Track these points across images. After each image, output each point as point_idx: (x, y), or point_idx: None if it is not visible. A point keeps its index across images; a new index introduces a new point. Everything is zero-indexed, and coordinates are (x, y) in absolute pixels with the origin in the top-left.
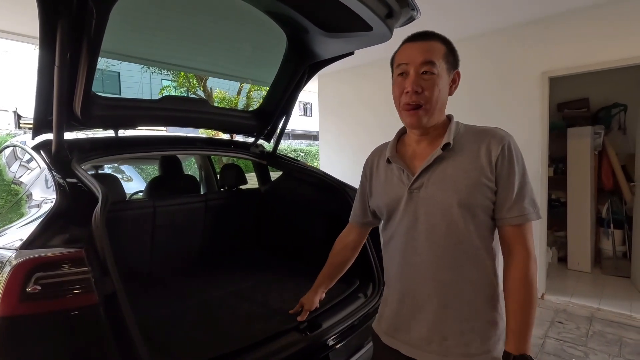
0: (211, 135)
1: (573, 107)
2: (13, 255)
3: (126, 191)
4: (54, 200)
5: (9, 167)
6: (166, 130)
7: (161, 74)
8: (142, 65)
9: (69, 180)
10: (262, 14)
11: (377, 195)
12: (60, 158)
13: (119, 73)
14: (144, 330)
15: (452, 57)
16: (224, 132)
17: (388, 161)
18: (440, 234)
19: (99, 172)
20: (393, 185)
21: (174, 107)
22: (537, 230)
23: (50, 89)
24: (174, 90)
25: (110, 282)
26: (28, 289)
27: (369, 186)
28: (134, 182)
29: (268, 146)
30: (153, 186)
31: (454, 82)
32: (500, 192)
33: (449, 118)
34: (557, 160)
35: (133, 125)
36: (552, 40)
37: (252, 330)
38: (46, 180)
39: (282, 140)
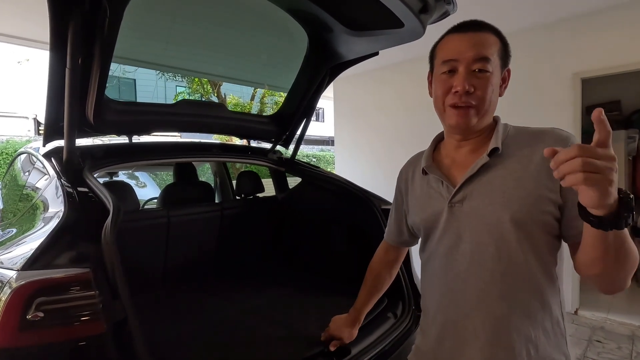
0: (225, 141)
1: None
2: (14, 277)
3: (140, 198)
4: (61, 213)
5: (23, 174)
6: (180, 136)
7: (175, 80)
8: (158, 72)
9: (79, 189)
10: (283, 13)
11: (414, 212)
12: (72, 166)
13: (134, 80)
14: (156, 353)
15: (505, 52)
16: (241, 137)
17: (424, 172)
18: (489, 256)
19: (113, 178)
20: (431, 199)
21: (189, 112)
22: None
23: (61, 93)
24: (187, 96)
25: (121, 306)
26: (28, 316)
27: (405, 202)
28: (148, 188)
29: (285, 152)
30: (167, 194)
31: (504, 82)
32: (574, 206)
33: (495, 120)
34: None
35: (147, 131)
36: (584, 39)
37: (274, 355)
38: (55, 190)
39: None
